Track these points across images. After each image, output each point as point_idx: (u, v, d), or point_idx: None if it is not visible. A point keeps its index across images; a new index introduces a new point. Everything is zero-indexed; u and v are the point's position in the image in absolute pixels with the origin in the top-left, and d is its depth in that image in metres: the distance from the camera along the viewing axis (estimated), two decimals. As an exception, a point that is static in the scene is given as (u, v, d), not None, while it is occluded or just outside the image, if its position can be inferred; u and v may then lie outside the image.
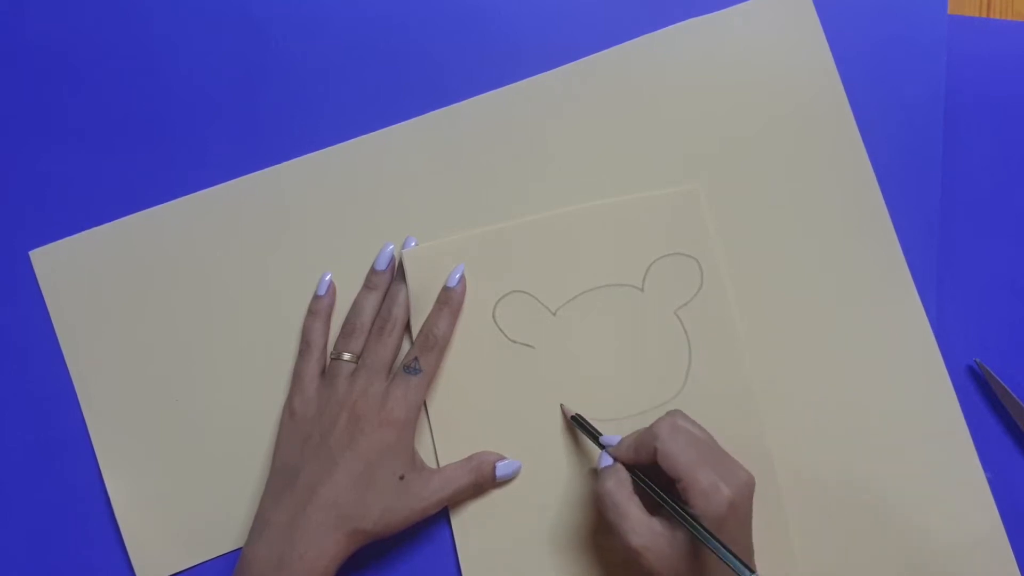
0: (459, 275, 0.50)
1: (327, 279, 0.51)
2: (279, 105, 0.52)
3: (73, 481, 0.51)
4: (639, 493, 0.45)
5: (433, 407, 0.50)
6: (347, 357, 0.49)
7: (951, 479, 0.50)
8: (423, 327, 0.49)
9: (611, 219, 0.51)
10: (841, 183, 0.51)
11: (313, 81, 0.52)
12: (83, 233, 0.52)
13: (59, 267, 0.52)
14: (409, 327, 0.50)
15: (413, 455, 0.49)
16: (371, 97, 0.52)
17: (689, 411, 0.47)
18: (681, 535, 0.43)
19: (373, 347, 0.49)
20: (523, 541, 0.49)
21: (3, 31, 0.53)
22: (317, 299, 0.51)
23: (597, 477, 0.46)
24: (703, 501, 0.42)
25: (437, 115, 0.52)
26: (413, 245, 0.51)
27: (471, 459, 0.49)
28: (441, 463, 0.50)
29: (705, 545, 0.41)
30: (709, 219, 0.51)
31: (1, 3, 0.53)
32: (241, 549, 0.48)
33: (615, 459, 0.46)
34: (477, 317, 0.50)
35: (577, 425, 0.49)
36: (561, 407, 0.50)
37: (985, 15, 0.54)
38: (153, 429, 0.51)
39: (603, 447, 0.47)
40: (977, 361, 0.51)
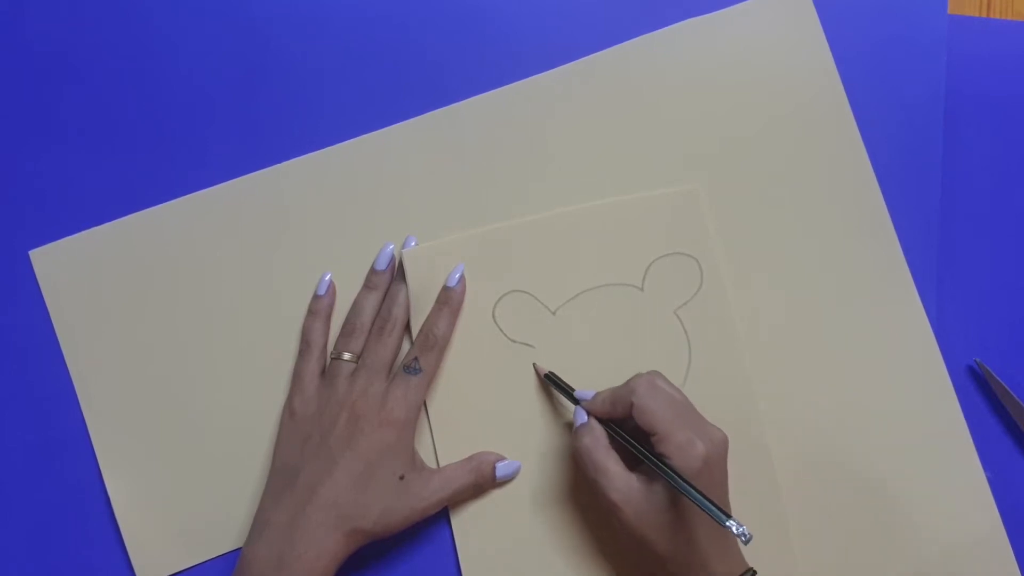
0: (459, 275, 0.50)
1: (327, 279, 0.51)
2: (279, 105, 0.52)
3: (73, 481, 0.51)
4: (616, 449, 0.45)
5: (433, 407, 0.50)
6: (347, 357, 0.49)
7: (951, 479, 0.50)
8: (423, 327, 0.49)
9: (611, 219, 0.51)
10: (841, 183, 0.51)
11: (313, 81, 0.52)
12: (83, 233, 0.52)
13: (59, 267, 0.52)
14: (409, 327, 0.50)
15: (413, 455, 0.49)
16: (371, 97, 0.52)
17: None
18: (659, 489, 0.43)
19: (373, 347, 0.49)
20: (523, 541, 0.49)
21: (3, 31, 0.52)
22: (317, 299, 0.50)
23: (572, 434, 0.47)
24: (678, 455, 0.42)
25: (437, 115, 0.52)
26: (413, 245, 0.51)
27: (471, 459, 0.49)
28: (441, 463, 0.50)
29: (682, 494, 0.41)
30: (709, 219, 0.51)
31: (1, 3, 0.53)
32: (241, 549, 0.48)
33: (590, 414, 0.46)
34: (477, 317, 0.50)
35: (551, 383, 0.49)
36: (534, 366, 0.50)
37: (985, 15, 0.54)
38: (153, 429, 0.51)
39: (577, 402, 0.47)
40: (977, 361, 0.51)
